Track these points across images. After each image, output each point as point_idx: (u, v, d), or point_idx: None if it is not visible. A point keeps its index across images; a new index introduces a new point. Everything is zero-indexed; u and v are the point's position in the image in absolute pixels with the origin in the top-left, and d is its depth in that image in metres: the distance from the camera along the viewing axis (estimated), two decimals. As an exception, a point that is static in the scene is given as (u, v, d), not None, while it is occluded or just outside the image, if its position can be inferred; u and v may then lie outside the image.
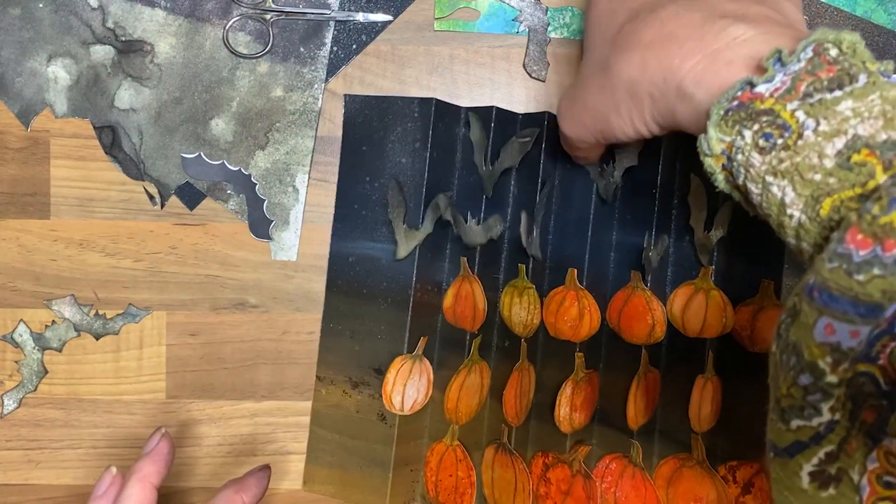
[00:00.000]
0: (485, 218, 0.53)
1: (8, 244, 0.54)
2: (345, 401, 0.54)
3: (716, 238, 0.53)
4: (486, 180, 0.53)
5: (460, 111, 0.53)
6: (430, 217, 0.52)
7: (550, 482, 0.53)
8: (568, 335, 0.53)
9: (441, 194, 0.52)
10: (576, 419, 0.53)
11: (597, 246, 0.53)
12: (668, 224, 0.53)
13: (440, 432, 0.54)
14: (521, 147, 0.52)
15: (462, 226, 0.53)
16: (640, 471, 0.53)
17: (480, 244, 0.53)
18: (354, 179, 0.53)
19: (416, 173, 0.52)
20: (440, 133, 0.52)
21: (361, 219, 0.53)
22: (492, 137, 0.53)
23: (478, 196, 0.53)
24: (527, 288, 0.53)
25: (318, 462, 0.54)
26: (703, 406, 0.53)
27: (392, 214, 0.52)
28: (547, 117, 0.51)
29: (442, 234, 0.53)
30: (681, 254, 0.53)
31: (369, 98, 0.53)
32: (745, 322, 0.53)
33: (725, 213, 0.53)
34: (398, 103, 0.52)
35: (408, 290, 0.52)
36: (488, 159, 0.53)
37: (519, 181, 0.53)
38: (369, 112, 0.53)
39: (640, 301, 0.53)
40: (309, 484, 0.55)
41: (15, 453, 0.55)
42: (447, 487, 0.53)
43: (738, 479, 0.53)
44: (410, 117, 0.52)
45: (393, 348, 0.52)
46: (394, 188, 0.52)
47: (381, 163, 0.53)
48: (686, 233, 0.53)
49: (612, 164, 0.52)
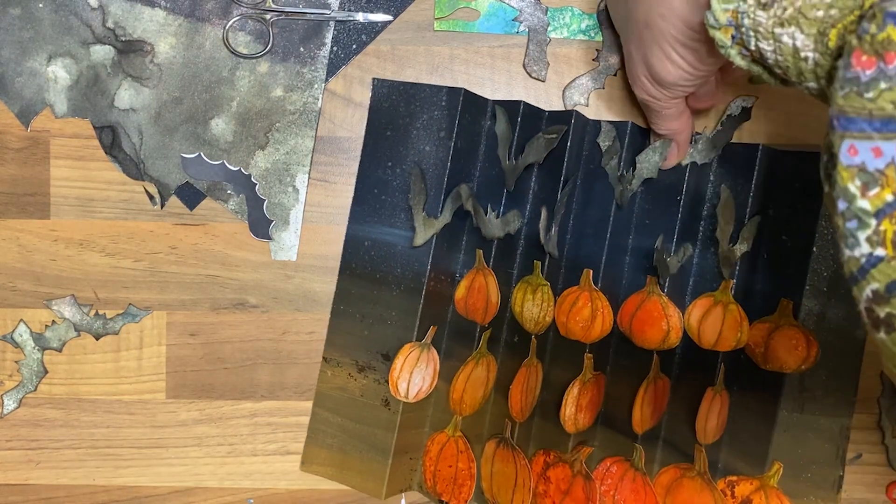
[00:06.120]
0: (504, 212, 0.53)
1: (8, 244, 0.54)
2: (350, 384, 0.54)
3: (740, 252, 0.53)
4: (509, 174, 0.53)
5: (487, 103, 0.53)
6: (449, 207, 0.52)
7: (550, 481, 0.53)
8: (579, 335, 0.53)
9: (463, 184, 0.52)
10: (580, 420, 0.53)
11: (614, 248, 0.53)
12: (694, 233, 0.53)
13: (443, 422, 0.54)
14: (546, 143, 0.52)
15: (481, 218, 0.53)
16: (640, 475, 0.53)
17: (498, 237, 0.53)
18: (376, 164, 0.53)
19: (439, 162, 0.52)
20: (466, 124, 0.52)
21: (380, 203, 0.53)
22: (517, 132, 0.53)
23: (498, 189, 0.53)
24: (541, 285, 0.53)
25: (318, 443, 0.54)
26: (710, 418, 0.53)
27: (413, 201, 0.52)
28: (574, 116, 0.51)
29: (460, 224, 0.53)
30: (703, 264, 0.53)
31: (397, 84, 0.53)
32: (759, 339, 0.53)
33: (751, 229, 0.53)
34: (426, 90, 0.52)
35: (421, 279, 0.52)
36: (512, 153, 0.53)
37: (541, 178, 0.53)
38: (396, 98, 0.53)
39: (656, 306, 0.53)
40: (307, 464, 0.55)
41: (15, 453, 0.55)
42: (445, 478, 0.53)
43: (737, 495, 0.53)
44: (438, 106, 0.52)
45: (402, 335, 0.52)
46: (416, 175, 0.52)
47: (404, 149, 0.53)
48: (711, 244, 0.53)
49: (631, 171, 0.52)
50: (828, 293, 0.52)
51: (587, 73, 0.54)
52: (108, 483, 0.55)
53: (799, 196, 0.52)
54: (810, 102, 0.54)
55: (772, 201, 0.53)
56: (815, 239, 0.52)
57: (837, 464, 0.53)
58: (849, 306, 0.52)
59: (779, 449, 0.53)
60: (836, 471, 0.53)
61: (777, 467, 0.52)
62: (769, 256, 0.53)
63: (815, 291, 0.52)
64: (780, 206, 0.53)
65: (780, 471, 0.52)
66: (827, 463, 0.53)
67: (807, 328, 0.52)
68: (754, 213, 0.53)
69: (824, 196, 0.34)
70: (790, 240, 0.53)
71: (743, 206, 0.53)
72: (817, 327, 0.52)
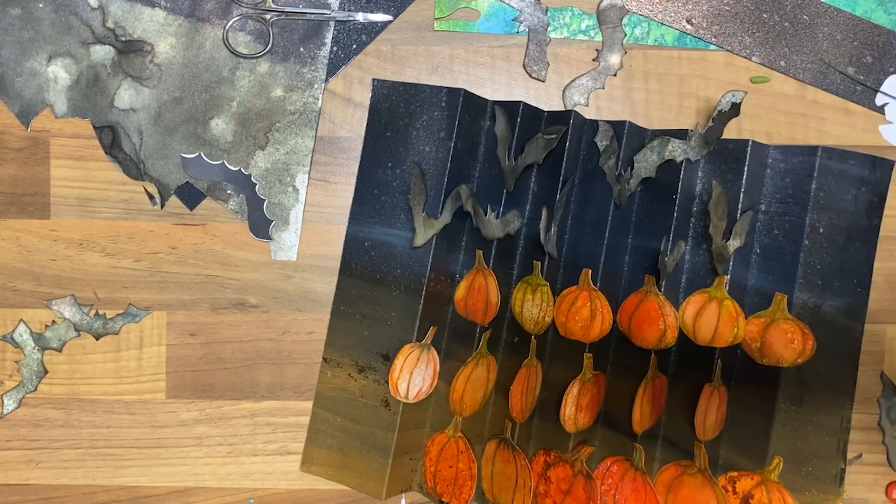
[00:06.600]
0: (504, 212, 0.53)
1: (8, 244, 0.54)
2: (350, 384, 0.54)
3: (733, 248, 0.53)
4: (508, 175, 0.53)
5: (487, 104, 0.53)
6: (449, 207, 0.52)
7: (551, 481, 0.53)
8: (578, 335, 0.53)
9: (463, 185, 0.52)
10: (580, 419, 0.53)
11: (612, 248, 0.53)
12: (686, 231, 0.53)
13: (443, 423, 0.54)
14: (546, 144, 0.52)
15: (481, 218, 0.53)
16: (641, 475, 0.53)
17: (497, 238, 0.53)
18: (376, 165, 0.53)
19: (439, 163, 0.52)
20: (466, 124, 0.52)
21: (380, 204, 0.53)
22: (517, 133, 0.53)
23: (498, 190, 0.53)
24: (540, 285, 0.53)
25: (318, 444, 0.55)
26: (709, 415, 0.53)
27: (413, 202, 0.52)
28: (572, 116, 0.52)
29: (459, 225, 0.53)
30: (697, 261, 0.53)
31: (397, 84, 0.53)
32: (755, 334, 0.53)
33: (744, 224, 0.53)
34: (426, 91, 0.52)
35: (421, 279, 0.52)
36: (511, 154, 0.53)
37: (540, 178, 0.53)
38: (396, 98, 0.53)
39: (653, 306, 0.53)
40: (307, 465, 0.55)
41: (15, 453, 0.55)
42: (446, 478, 0.53)
43: (738, 491, 0.53)
44: (437, 106, 0.52)
45: (402, 336, 0.53)
46: (417, 176, 0.52)
47: (404, 150, 0.53)
48: (704, 240, 0.53)
49: (629, 171, 0.52)
50: (822, 286, 0.52)
51: (587, 73, 0.54)
52: (108, 483, 0.55)
53: (789, 190, 0.53)
54: (810, 103, 0.54)
55: (762, 196, 0.53)
56: (806, 232, 0.52)
57: (838, 457, 0.53)
58: (843, 298, 0.52)
59: (778, 443, 0.53)
60: (837, 464, 0.53)
61: (777, 461, 0.52)
62: (762, 251, 0.53)
63: (809, 284, 0.53)
64: (770, 201, 0.53)
65: (781, 465, 0.52)
66: (828, 456, 0.53)
67: (801, 321, 0.52)
68: (746, 208, 0.53)
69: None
70: (782, 234, 0.53)
71: (734, 201, 0.53)
72: (812, 320, 0.52)
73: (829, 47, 0.54)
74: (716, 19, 0.54)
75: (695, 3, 0.54)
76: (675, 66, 0.54)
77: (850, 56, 0.54)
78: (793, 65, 0.54)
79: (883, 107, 0.54)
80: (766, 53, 0.54)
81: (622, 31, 0.54)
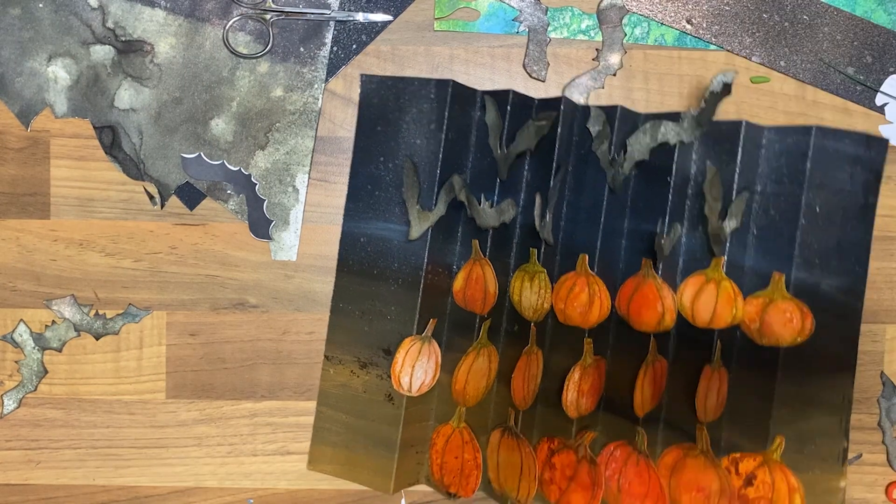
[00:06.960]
0: (498, 201, 0.53)
1: (8, 244, 0.54)
2: (352, 381, 0.54)
3: (729, 228, 0.53)
4: (501, 163, 0.53)
5: (476, 94, 0.53)
6: (443, 199, 0.52)
7: (555, 467, 0.53)
8: (577, 321, 0.53)
9: (456, 175, 0.52)
10: (583, 404, 0.54)
11: (609, 232, 0.53)
12: (682, 212, 0.53)
13: (447, 414, 0.54)
14: (537, 130, 0.52)
15: (475, 208, 0.53)
16: (644, 458, 0.53)
17: (493, 227, 0.53)
18: (368, 160, 0.53)
19: (431, 155, 0.52)
20: (456, 115, 0.52)
21: (374, 199, 0.53)
22: (507, 121, 0.53)
23: (492, 179, 0.53)
24: (538, 272, 0.53)
25: (323, 442, 0.55)
26: (710, 396, 0.53)
27: (406, 195, 0.52)
28: (563, 102, 0.52)
29: (454, 216, 0.53)
30: (693, 243, 0.53)
31: (385, 79, 0.53)
32: (754, 314, 0.53)
33: (740, 204, 0.53)
34: (414, 84, 0.52)
35: (419, 272, 0.52)
36: (503, 142, 0.53)
37: (533, 165, 0.53)
38: (385, 92, 0.53)
39: (651, 289, 0.53)
40: (314, 463, 0.55)
41: (15, 453, 0.55)
42: (452, 469, 0.54)
43: (741, 472, 0.53)
44: (427, 99, 0.52)
45: (402, 329, 0.53)
46: (409, 169, 0.52)
47: (395, 144, 0.53)
48: (700, 222, 0.53)
49: (622, 154, 0.52)
50: (820, 265, 0.52)
51: (587, 72, 0.54)
52: (108, 483, 0.55)
53: (784, 170, 0.52)
54: (810, 103, 0.54)
55: (758, 177, 0.53)
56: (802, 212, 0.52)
57: (841, 436, 0.52)
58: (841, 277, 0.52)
59: (780, 423, 0.53)
60: (840, 443, 0.52)
61: (779, 441, 0.52)
62: (758, 231, 0.53)
63: (807, 264, 0.52)
64: (766, 181, 0.53)
65: (783, 445, 0.52)
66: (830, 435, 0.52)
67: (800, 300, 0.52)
68: (741, 189, 0.53)
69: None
70: (778, 214, 0.53)
71: (729, 182, 0.53)
72: (811, 300, 0.52)
73: (829, 47, 0.54)
74: (716, 19, 0.54)
75: (695, 3, 0.54)
76: (675, 66, 0.54)
77: (850, 56, 0.54)
78: (793, 65, 0.54)
79: (883, 107, 0.54)
80: (766, 53, 0.54)
81: (622, 31, 0.54)
